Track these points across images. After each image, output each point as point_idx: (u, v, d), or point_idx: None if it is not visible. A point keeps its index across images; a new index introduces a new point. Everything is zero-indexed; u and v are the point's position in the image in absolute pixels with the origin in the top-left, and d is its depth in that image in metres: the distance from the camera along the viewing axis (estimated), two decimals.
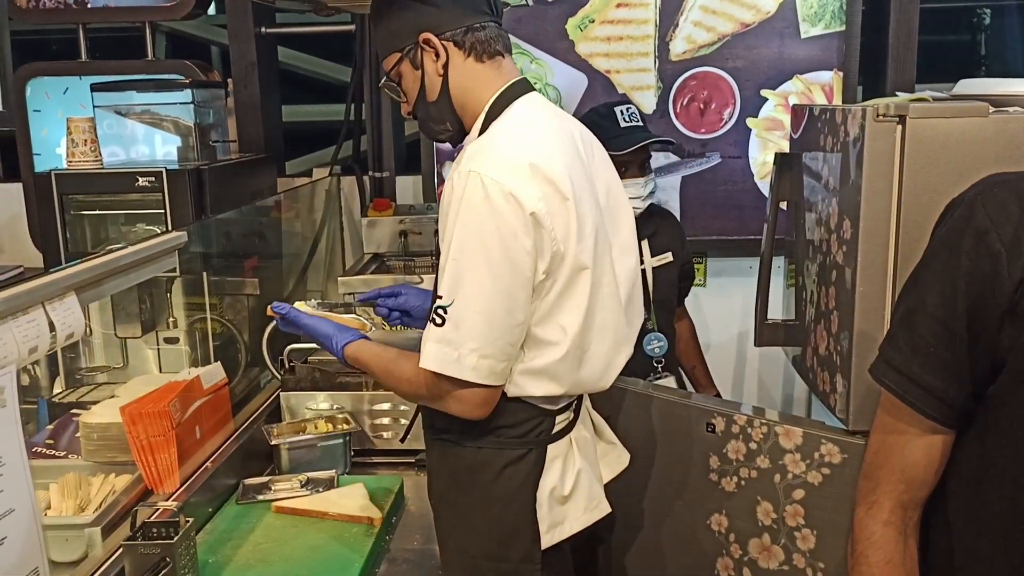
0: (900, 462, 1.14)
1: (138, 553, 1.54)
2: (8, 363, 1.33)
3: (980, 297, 1.05)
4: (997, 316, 1.04)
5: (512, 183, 1.48)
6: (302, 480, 2.09)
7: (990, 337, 1.05)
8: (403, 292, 1.91)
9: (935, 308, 1.08)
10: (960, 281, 1.06)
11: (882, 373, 1.14)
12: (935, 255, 1.10)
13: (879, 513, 1.16)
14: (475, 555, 1.65)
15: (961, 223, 1.07)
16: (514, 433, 1.62)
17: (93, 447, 1.97)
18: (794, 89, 3.21)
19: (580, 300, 1.57)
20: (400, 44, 1.64)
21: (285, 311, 1.81)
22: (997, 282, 1.03)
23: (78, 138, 2.75)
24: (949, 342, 1.07)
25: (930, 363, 1.09)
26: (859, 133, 1.72)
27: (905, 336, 1.11)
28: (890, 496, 1.15)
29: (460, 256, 1.49)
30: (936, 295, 1.08)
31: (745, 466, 1.96)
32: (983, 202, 1.07)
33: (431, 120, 1.69)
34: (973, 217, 1.06)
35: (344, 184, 3.60)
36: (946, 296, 1.07)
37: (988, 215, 1.05)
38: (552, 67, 3.26)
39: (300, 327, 1.80)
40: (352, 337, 1.73)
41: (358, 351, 1.71)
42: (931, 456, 1.13)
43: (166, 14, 3.31)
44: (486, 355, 1.50)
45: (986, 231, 1.04)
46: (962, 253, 1.06)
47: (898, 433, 1.14)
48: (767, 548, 1.94)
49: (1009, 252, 1.03)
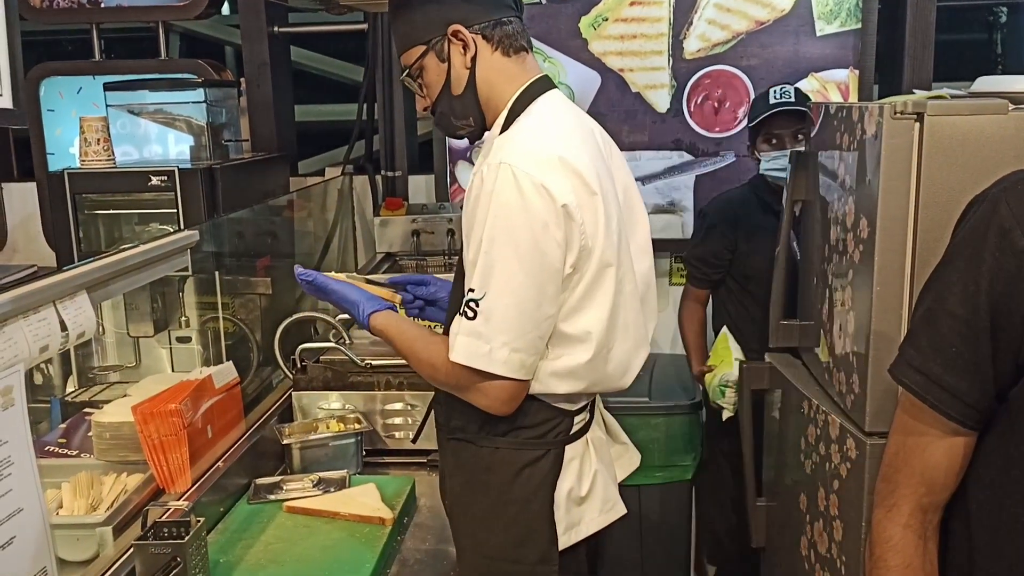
0: (920, 464, 1.12)
1: (149, 552, 1.53)
2: (18, 362, 1.32)
3: (1004, 296, 1.02)
4: (1022, 316, 1.02)
5: (543, 175, 1.48)
6: (314, 480, 2.09)
7: (1014, 337, 1.03)
8: (432, 282, 1.89)
9: (957, 307, 1.05)
10: (983, 279, 1.03)
11: (902, 373, 1.12)
12: (958, 253, 1.07)
13: (898, 516, 1.14)
14: (492, 556, 1.64)
15: (984, 220, 1.05)
16: (532, 434, 1.61)
17: (105, 446, 1.96)
18: (809, 87, 3.19)
19: (605, 298, 1.56)
20: (426, 36, 1.62)
21: (312, 277, 1.80)
22: (1022, 282, 1.01)
23: (91, 137, 2.75)
24: (972, 342, 1.05)
25: (953, 363, 1.06)
26: (876, 131, 1.70)
27: (926, 335, 1.09)
28: (910, 499, 1.13)
29: (491, 248, 1.48)
30: (958, 294, 1.06)
31: (815, 450, 1.98)
32: (1007, 199, 1.04)
33: (454, 115, 1.67)
34: (996, 214, 1.04)
35: (356, 183, 3.60)
36: (969, 294, 1.04)
37: (1012, 212, 1.03)
38: (565, 66, 3.24)
39: (328, 293, 1.78)
40: (379, 307, 1.72)
41: (385, 323, 1.70)
42: (952, 459, 1.11)
43: (179, 14, 3.31)
44: (517, 349, 1.50)
45: (1010, 228, 1.02)
46: (985, 251, 1.03)
47: (918, 435, 1.11)
48: (821, 533, 1.96)
49: None
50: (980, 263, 1.04)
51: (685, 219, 3.30)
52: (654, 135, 3.27)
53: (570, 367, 1.57)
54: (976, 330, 1.04)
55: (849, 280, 1.86)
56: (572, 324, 1.56)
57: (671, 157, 3.27)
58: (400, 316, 1.73)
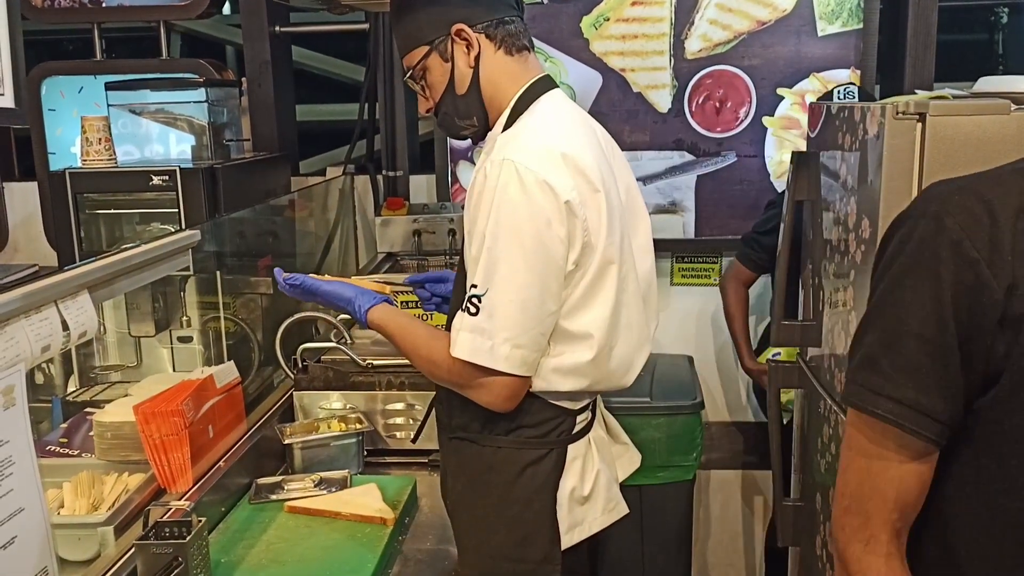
0: (893, 491, 1.07)
1: (150, 552, 1.53)
2: (19, 361, 1.32)
3: (970, 309, 1.00)
4: (990, 326, 1.00)
5: (547, 172, 1.48)
6: (315, 480, 2.08)
7: (982, 348, 1.01)
8: (451, 279, 1.89)
9: (923, 327, 1.02)
10: (945, 295, 1.01)
11: (870, 403, 1.06)
12: (909, 273, 1.04)
13: (879, 547, 1.09)
14: (494, 556, 1.64)
15: (931, 237, 1.02)
16: (535, 433, 1.61)
17: (106, 446, 1.96)
18: (811, 87, 3.18)
19: (608, 295, 1.56)
20: (429, 36, 1.62)
21: (299, 281, 1.79)
22: (984, 291, 0.99)
23: (92, 137, 2.75)
24: (943, 360, 1.02)
25: (926, 385, 1.03)
26: (878, 131, 1.70)
27: (890, 360, 1.04)
28: (886, 528, 1.09)
29: (494, 244, 1.49)
30: (919, 314, 1.02)
31: (828, 450, 1.98)
32: (949, 212, 1.02)
33: (457, 115, 1.67)
34: (943, 229, 1.01)
35: (358, 183, 3.59)
36: (931, 313, 1.02)
37: (958, 224, 1.01)
38: (567, 65, 3.24)
39: (319, 295, 1.79)
40: (375, 300, 1.73)
41: (384, 317, 1.70)
42: (924, 478, 1.08)
43: (180, 13, 3.31)
44: (519, 345, 1.50)
45: (959, 240, 1.00)
46: (941, 267, 1.01)
47: (886, 460, 1.07)
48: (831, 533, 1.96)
49: (988, 259, 0.99)
50: (939, 280, 1.01)
51: (686, 219, 3.30)
52: (655, 135, 3.27)
53: (572, 364, 1.57)
54: (946, 348, 1.02)
55: (851, 280, 1.86)
56: (574, 321, 1.56)
57: (672, 157, 3.27)
58: (398, 310, 1.73)
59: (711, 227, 3.29)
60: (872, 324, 1.07)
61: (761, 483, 3.46)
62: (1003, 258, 0.99)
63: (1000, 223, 1.00)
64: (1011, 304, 0.99)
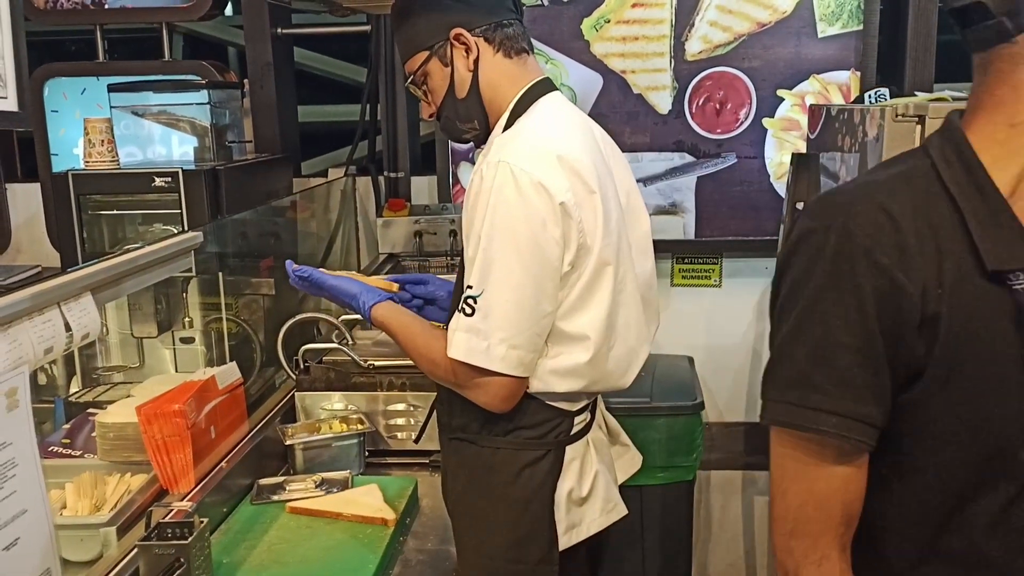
0: (839, 504, 1.08)
1: (153, 553, 1.54)
2: (23, 363, 1.33)
3: (891, 315, 1.02)
4: (911, 328, 1.02)
5: (541, 173, 1.49)
6: (316, 480, 2.09)
7: (906, 350, 1.03)
8: (431, 281, 1.90)
9: (849, 338, 1.03)
10: (869, 304, 1.02)
11: (813, 421, 1.05)
12: (827, 287, 1.04)
13: (831, 565, 1.08)
14: (493, 556, 1.65)
15: (844, 249, 1.03)
16: (533, 434, 1.62)
17: (109, 447, 1.97)
18: (811, 89, 3.19)
19: (604, 296, 1.57)
20: (429, 42, 1.64)
21: (308, 274, 1.81)
22: (901, 296, 1.01)
23: (95, 138, 2.76)
24: (873, 368, 1.03)
25: (862, 394, 1.04)
26: (878, 133, 1.71)
27: (823, 375, 1.04)
28: (835, 544, 1.08)
29: (489, 246, 1.50)
30: (844, 325, 1.03)
31: None
32: (855, 223, 1.03)
33: (458, 119, 1.69)
34: (852, 239, 1.03)
35: (359, 184, 3.60)
36: (855, 323, 1.03)
37: (866, 233, 1.02)
38: (567, 67, 3.25)
39: (325, 288, 1.80)
40: (380, 298, 1.74)
41: (387, 314, 1.72)
42: (863, 483, 1.09)
43: (183, 15, 3.32)
44: (515, 345, 1.51)
45: (871, 248, 1.02)
46: (859, 277, 1.02)
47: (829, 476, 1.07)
48: None
49: (899, 264, 1.02)
50: (859, 290, 1.02)
51: (686, 220, 3.31)
52: (656, 136, 3.27)
53: (570, 366, 1.58)
54: (875, 355, 1.03)
55: None
56: (571, 323, 1.56)
57: (672, 158, 3.28)
58: (401, 308, 1.74)
59: (711, 228, 3.29)
60: (797, 342, 1.07)
61: (761, 483, 3.46)
62: (912, 261, 1.01)
63: (902, 227, 1.02)
64: (926, 304, 1.01)
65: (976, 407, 1.03)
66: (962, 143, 1.07)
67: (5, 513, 1.28)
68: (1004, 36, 1.03)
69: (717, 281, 3.36)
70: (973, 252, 1.02)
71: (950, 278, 1.01)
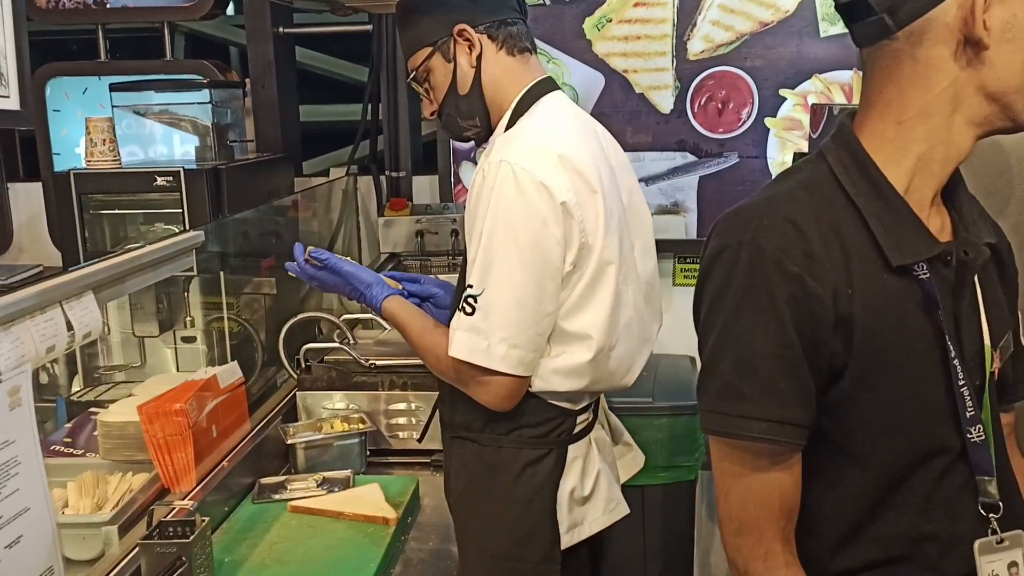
0: (778, 502, 1.12)
1: (154, 552, 1.54)
2: (25, 362, 1.33)
3: (807, 320, 1.06)
4: (827, 330, 1.06)
5: (543, 173, 1.49)
6: (318, 480, 2.09)
7: (826, 351, 1.07)
8: (424, 280, 1.91)
9: (769, 347, 1.07)
10: (784, 312, 1.06)
11: (742, 428, 1.09)
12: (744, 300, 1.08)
13: (776, 559, 1.12)
14: (494, 555, 1.65)
15: (756, 262, 1.07)
16: (535, 433, 1.62)
17: (110, 446, 1.97)
18: (813, 88, 3.19)
19: (606, 296, 1.57)
20: (432, 38, 1.64)
21: (326, 257, 1.81)
22: (814, 301, 1.05)
23: (97, 138, 2.76)
24: (794, 372, 1.07)
25: (787, 399, 1.08)
26: None
27: (748, 384, 1.08)
28: (778, 537, 1.12)
29: (490, 245, 1.50)
30: (763, 336, 1.07)
31: None
32: (764, 235, 1.07)
33: (460, 116, 1.69)
34: (763, 252, 1.06)
35: (361, 184, 3.60)
36: (774, 332, 1.06)
37: (775, 245, 1.06)
38: (569, 67, 3.25)
39: (341, 274, 1.79)
40: (391, 292, 1.75)
41: (397, 308, 1.73)
42: (798, 479, 1.13)
43: (184, 14, 3.32)
44: (515, 344, 1.51)
45: (781, 259, 1.05)
46: (773, 287, 1.06)
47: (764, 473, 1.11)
48: None
49: (809, 271, 1.05)
50: (773, 299, 1.06)
51: (688, 220, 3.31)
52: (658, 136, 3.27)
53: (572, 365, 1.58)
54: (795, 361, 1.07)
55: None
56: (573, 322, 1.56)
57: (675, 158, 3.27)
58: (411, 304, 1.75)
59: None
60: (722, 355, 1.11)
61: None
62: (821, 266, 1.06)
63: (808, 235, 1.07)
64: (838, 306, 1.06)
65: (899, 393, 1.08)
66: (856, 146, 1.11)
67: (8, 511, 1.28)
68: (885, 32, 1.06)
69: None
70: (877, 250, 1.08)
71: (858, 278, 1.07)
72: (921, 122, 1.08)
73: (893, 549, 1.12)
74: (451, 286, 1.84)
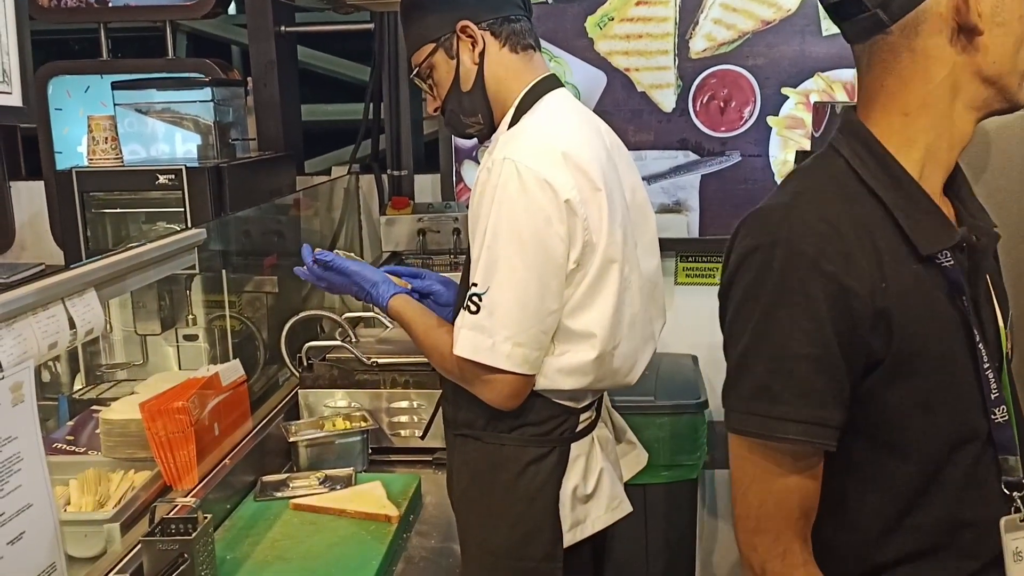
0: (797, 501, 1.11)
1: (157, 549, 1.54)
2: (27, 358, 1.33)
3: (844, 318, 1.05)
4: (865, 328, 1.06)
5: (546, 170, 1.49)
6: (320, 477, 2.09)
7: (862, 348, 1.07)
8: (427, 276, 1.91)
9: (804, 347, 1.06)
10: (821, 312, 1.05)
11: (779, 431, 1.08)
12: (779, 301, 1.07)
13: (795, 558, 1.12)
14: (497, 553, 1.64)
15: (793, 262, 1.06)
16: (538, 431, 1.62)
17: (112, 443, 1.97)
18: (815, 87, 3.18)
19: (610, 294, 1.57)
20: (435, 34, 1.64)
21: (330, 258, 1.81)
22: (851, 299, 1.05)
23: (99, 136, 2.76)
24: (831, 374, 1.07)
25: (823, 400, 1.07)
26: None
27: (783, 385, 1.07)
28: (797, 537, 1.12)
29: (494, 243, 1.50)
30: (799, 336, 1.06)
31: None
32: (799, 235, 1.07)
33: (463, 113, 1.69)
34: (798, 251, 1.06)
35: (363, 182, 3.60)
36: (811, 332, 1.06)
37: (812, 244, 1.06)
38: (571, 65, 3.24)
39: (347, 274, 1.80)
40: (398, 290, 1.75)
41: (403, 306, 1.73)
42: (819, 478, 1.12)
43: (186, 13, 3.32)
44: (520, 343, 1.51)
45: (817, 259, 1.05)
46: (811, 287, 1.05)
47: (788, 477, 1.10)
48: None
49: (845, 270, 1.05)
50: (809, 299, 1.05)
51: (690, 219, 3.30)
52: (660, 134, 3.27)
53: (576, 363, 1.58)
54: (831, 361, 1.06)
55: None
56: (577, 320, 1.56)
57: (677, 156, 3.27)
58: (416, 302, 1.75)
59: (715, 227, 3.29)
60: (756, 355, 1.10)
61: None
62: (856, 263, 1.06)
63: (842, 232, 1.07)
64: (875, 301, 1.05)
65: (935, 381, 1.09)
66: (869, 138, 1.12)
67: (10, 507, 1.28)
68: (879, 27, 1.08)
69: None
70: (903, 241, 1.08)
71: (890, 270, 1.07)
72: (925, 112, 1.09)
73: (932, 538, 1.12)
74: (453, 283, 1.84)
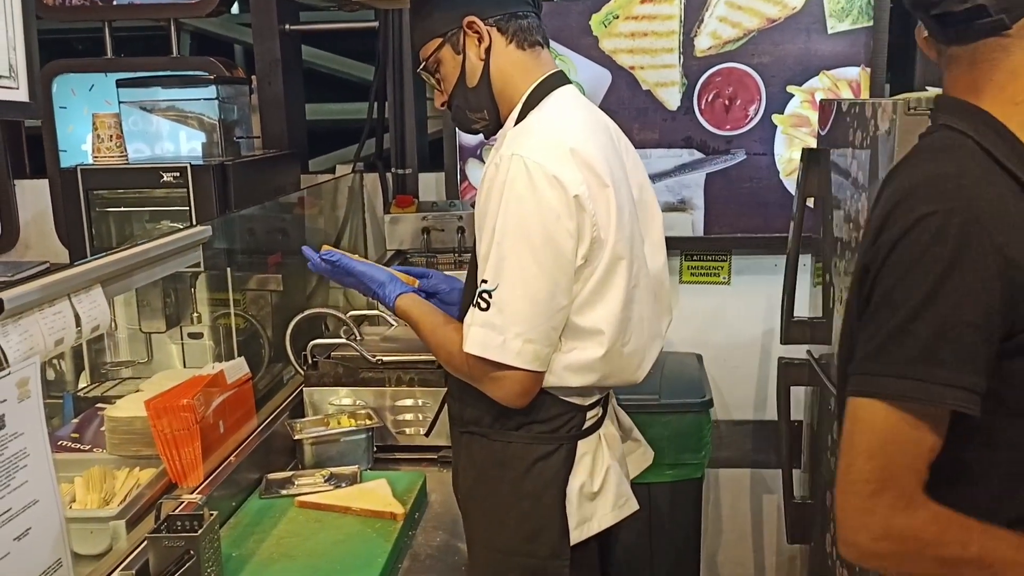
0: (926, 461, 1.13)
1: (162, 546, 1.54)
2: (33, 354, 1.33)
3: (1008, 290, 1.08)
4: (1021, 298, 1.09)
5: (555, 166, 1.49)
6: (325, 475, 2.09)
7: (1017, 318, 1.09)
8: (432, 275, 1.91)
9: (974, 315, 1.09)
10: (991, 282, 1.08)
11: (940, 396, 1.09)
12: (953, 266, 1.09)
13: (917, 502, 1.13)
14: (503, 550, 1.64)
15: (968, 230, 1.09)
16: (545, 428, 1.62)
17: (118, 441, 1.97)
18: (821, 85, 3.18)
19: (618, 291, 1.57)
20: (442, 29, 1.64)
21: (336, 258, 1.81)
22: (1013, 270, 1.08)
23: (104, 134, 2.76)
24: (989, 344, 1.10)
25: (980, 367, 1.10)
26: (890, 127, 1.70)
27: (951, 352, 1.09)
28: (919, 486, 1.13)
29: (503, 240, 1.49)
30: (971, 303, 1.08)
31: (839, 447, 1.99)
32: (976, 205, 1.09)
33: (468, 108, 1.69)
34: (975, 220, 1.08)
35: (367, 181, 3.60)
36: (982, 301, 1.08)
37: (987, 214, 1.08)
38: (576, 63, 3.24)
39: (353, 274, 1.80)
40: (405, 289, 1.75)
41: (410, 305, 1.73)
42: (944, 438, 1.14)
43: (190, 11, 3.32)
44: (530, 340, 1.50)
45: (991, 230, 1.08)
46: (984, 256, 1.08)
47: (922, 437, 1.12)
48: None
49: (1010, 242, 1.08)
50: (985, 269, 1.08)
51: (695, 217, 3.30)
52: (665, 133, 3.26)
53: (584, 360, 1.57)
54: (992, 331, 1.09)
55: None
56: (585, 317, 1.56)
57: (681, 155, 3.27)
58: (424, 300, 1.75)
59: (720, 225, 3.29)
60: (922, 319, 1.10)
61: (770, 481, 3.45)
62: (1019, 235, 1.09)
63: (1008, 205, 1.10)
64: None
65: None
66: (992, 120, 1.16)
67: (16, 503, 1.28)
68: (999, 29, 1.15)
69: (726, 278, 3.35)
70: None
71: None
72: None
73: None
74: (458, 282, 1.84)
